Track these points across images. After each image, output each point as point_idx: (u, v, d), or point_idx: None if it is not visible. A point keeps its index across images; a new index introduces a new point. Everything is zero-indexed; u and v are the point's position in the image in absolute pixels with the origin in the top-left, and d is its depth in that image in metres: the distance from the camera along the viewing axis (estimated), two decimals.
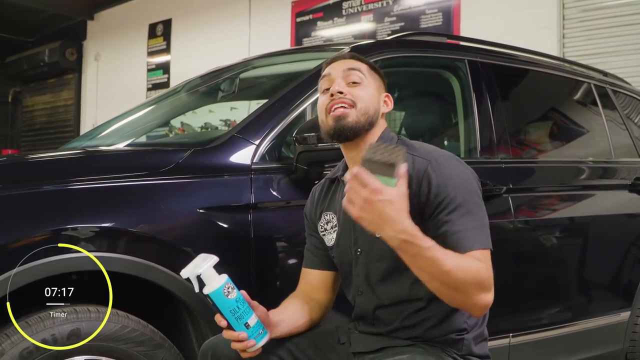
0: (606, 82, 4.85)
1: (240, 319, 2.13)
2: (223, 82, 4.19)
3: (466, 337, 2.35)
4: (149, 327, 2.61)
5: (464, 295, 2.10)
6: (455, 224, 2.17)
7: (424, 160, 2.28)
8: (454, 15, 7.88)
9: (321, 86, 2.47)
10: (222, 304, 2.11)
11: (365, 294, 2.42)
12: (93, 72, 12.57)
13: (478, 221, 2.21)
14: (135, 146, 3.72)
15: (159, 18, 11.41)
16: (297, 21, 9.54)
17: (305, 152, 2.90)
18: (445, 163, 2.28)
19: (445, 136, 4.00)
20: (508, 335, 3.51)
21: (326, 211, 2.56)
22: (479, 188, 2.31)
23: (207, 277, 2.11)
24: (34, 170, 2.91)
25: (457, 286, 2.07)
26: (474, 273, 2.08)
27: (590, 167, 4.38)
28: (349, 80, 2.40)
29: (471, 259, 2.11)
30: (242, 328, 2.14)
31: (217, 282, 2.10)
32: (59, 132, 13.04)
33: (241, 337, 2.14)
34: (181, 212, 2.77)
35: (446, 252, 2.06)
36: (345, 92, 2.37)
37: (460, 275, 2.05)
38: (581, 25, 7.09)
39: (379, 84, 2.48)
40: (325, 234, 2.54)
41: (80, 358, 2.46)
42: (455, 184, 2.23)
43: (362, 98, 2.38)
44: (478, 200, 2.26)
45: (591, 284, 4.22)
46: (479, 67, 3.81)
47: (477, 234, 2.18)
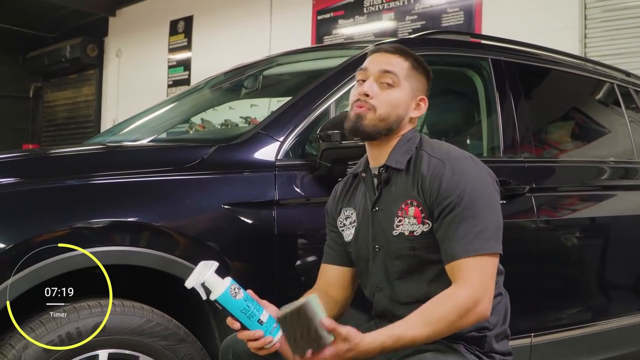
0: (629, 82, 4.83)
1: (252, 317, 2.13)
2: (246, 79, 4.20)
3: (488, 334, 2.36)
4: (173, 322, 2.62)
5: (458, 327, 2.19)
6: (453, 230, 2.23)
7: (439, 162, 2.32)
8: (475, 14, 7.85)
9: (358, 76, 2.48)
10: (231, 305, 2.11)
11: (383, 291, 2.44)
12: (114, 68, 12.60)
13: (481, 225, 2.23)
14: (160, 142, 3.74)
15: (181, 15, 11.43)
16: (318, 19, 9.53)
17: (329, 150, 2.91)
18: (459, 165, 2.31)
19: (468, 135, 3.99)
20: (530, 335, 3.50)
21: (346, 207, 2.58)
22: (495, 190, 2.34)
23: (212, 283, 2.11)
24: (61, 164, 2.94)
25: (447, 330, 2.17)
26: (453, 311, 2.15)
27: (612, 167, 4.37)
28: (382, 81, 2.40)
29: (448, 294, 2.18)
30: (256, 325, 2.14)
31: (222, 285, 2.11)
32: (80, 127, 13.07)
33: (257, 335, 2.14)
34: (206, 207, 2.79)
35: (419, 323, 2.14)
36: (371, 95, 2.38)
37: (442, 325, 2.15)
38: (603, 26, 7.04)
39: (416, 86, 2.46)
40: (344, 229, 2.56)
41: (105, 351, 2.47)
42: (465, 186, 2.25)
43: (385, 103, 2.39)
44: (488, 202, 2.28)
45: (612, 285, 4.20)
46: (502, 65, 3.80)
47: (474, 240, 2.21)
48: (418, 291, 2.34)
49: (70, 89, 13.68)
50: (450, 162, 2.31)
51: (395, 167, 2.38)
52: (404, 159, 2.39)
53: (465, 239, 2.20)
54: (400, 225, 2.34)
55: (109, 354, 2.48)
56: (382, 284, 2.44)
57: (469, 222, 2.22)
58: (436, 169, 2.31)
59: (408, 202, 2.34)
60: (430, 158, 2.35)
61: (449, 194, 2.24)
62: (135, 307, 2.55)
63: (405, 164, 2.38)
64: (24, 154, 3.28)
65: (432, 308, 2.16)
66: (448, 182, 2.26)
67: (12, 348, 2.36)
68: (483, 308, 2.19)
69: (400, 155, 2.40)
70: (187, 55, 11.34)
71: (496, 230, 2.26)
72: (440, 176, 2.28)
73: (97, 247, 2.50)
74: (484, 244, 2.21)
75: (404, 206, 2.34)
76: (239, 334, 2.17)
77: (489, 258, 2.22)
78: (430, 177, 2.30)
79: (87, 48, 12.58)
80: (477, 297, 2.17)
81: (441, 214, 2.25)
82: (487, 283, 2.21)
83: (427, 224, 2.30)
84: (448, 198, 2.24)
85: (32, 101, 14.29)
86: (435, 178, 2.28)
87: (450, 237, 2.22)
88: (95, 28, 12.89)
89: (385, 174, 2.41)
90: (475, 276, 2.19)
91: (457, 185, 2.25)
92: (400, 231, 2.33)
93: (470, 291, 2.17)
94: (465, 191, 2.24)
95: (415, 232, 2.31)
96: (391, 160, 2.40)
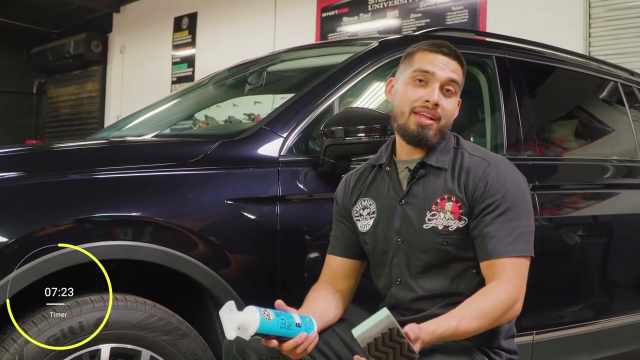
0: (633, 81, 4.83)
1: (290, 326, 2.15)
2: (250, 75, 4.20)
3: (496, 331, 2.38)
4: (176, 317, 2.62)
5: (496, 323, 2.26)
6: (498, 227, 2.26)
7: (483, 161, 2.36)
8: (480, 13, 7.84)
9: (415, 74, 2.42)
10: (271, 328, 2.12)
11: (403, 284, 2.44)
12: (118, 65, 12.61)
13: (522, 228, 2.28)
14: (163, 137, 3.74)
15: (185, 11, 11.43)
16: (322, 16, 9.52)
17: (333, 146, 2.92)
18: (503, 167, 2.36)
19: (471, 132, 3.99)
20: (532, 333, 3.50)
21: (364, 197, 2.57)
22: (529, 194, 2.38)
23: (243, 321, 2.10)
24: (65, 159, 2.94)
25: (490, 324, 2.23)
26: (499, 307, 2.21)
27: (615, 166, 4.37)
28: (447, 88, 2.40)
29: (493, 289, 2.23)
30: (297, 330, 2.16)
31: (255, 318, 2.10)
32: (83, 123, 13.08)
33: (302, 337, 2.17)
34: (209, 202, 2.80)
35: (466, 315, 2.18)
36: (440, 105, 2.37)
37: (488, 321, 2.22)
38: (607, 25, 7.04)
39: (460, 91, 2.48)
40: (359, 219, 2.55)
41: (107, 346, 2.47)
42: (509, 187, 2.30)
43: (448, 114, 2.40)
44: (527, 206, 2.33)
45: (614, 283, 4.21)
46: (506, 63, 3.80)
47: (516, 240, 2.26)
48: (439, 286, 2.37)
49: (74, 85, 13.69)
50: (495, 162, 2.36)
51: (437, 166, 2.40)
52: (445, 158, 2.41)
53: (507, 239, 2.25)
54: (433, 219, 2.35)
55: (111, 348, 2.48)
56: (402, 277, 2.44)
57: (511, 224, 2.27)
58: (481, 167, 2.35)
59: (445, 197, 2.35)
60: (472, 157, 2.39)
61: (493, 193, 2.29)
62: (137, 301, 2.55)
63: (447, 163, 2.40)
64: (27, 149, 3.28)
65: (480, 302, 2.21)
66: (494, 181, 2.30)
67: (14, 342, 2.36)
68: (519, 307, 2.26)
69: (440, 154, 2.42)
70: (191, 52, 11.35)
71: (532, 235, 2.32)
72: (486, 175, 2.32)
73: (100, 242, 2.50)
74: (524, 246, 2.27)
75: (440, 201, 2.35)
76: (284, 346, 2.16)
77: (526, 260, 2.28)
78: (475, 175, 2.33)
79: (91, 44, 12.59)
80: (517, 296, 2.24)
81: (482, 211, 2.29)
82: (524, 284, 2.28)
83: (464, 220, 2.32)
84: (493, 197, 2.28)
85: (35, 97, 14.30)
86: (481, 176, 2.32)
87: (492, 236, 2.26)
88: (100, 24, 12.89)
89: (422, 170, 2.42)
90: (516, 276, 2.25)
91: (502, 185, 2.30)
92: (433, 225, 2.34)
93: (512, 290, 2.23)
94: (509, 192, 2.29)
95: (450, 227, 2.33)
96: (430, 158, 2.41)
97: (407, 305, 2.42)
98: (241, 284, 2.75)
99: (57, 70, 13.88)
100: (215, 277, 2.68)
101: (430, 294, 2.38)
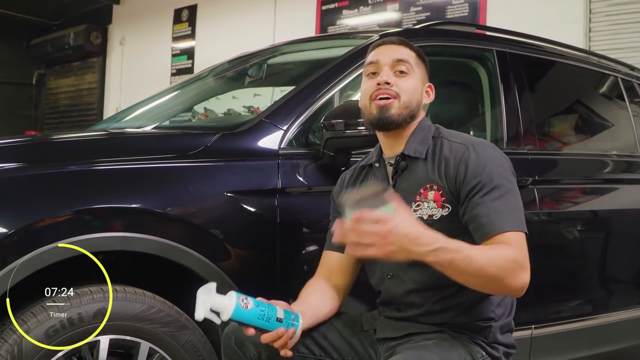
0: (633, 76, 4.83)
1: (270, 319, 2.14)
2: (250, 67, 4.20)
3: (493, 325, 2.37)
4: (175, 309, 2.63)
5: (499, 283, 2.13)
6: (489, 206, 2.21)
7: (461, 146, 2.34)
8: (480, 6, 7.83)
9: (367, 70, 2.48)
10: (247, 317, 2.12)
11: (394, 278, 2.43)
12: (118, 56, 12.58)
13: (512, 205, 2.24)
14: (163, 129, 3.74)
15: (185, 3, 11.40)
16: (322, 9, 9.50)
17: (333, 139, 2.91)
18: (482, 148, 2.33)
19: (471, 126, 3.99)
20: (530, 327, 3.50)
21: None
22: (513, 175, 2.34)
23: (219, 305, 2.10)
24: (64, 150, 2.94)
25: (492, 276, 2.10)
26: (506, 259, 2.11)
27: (614, 161, 4.37)
28: (396, 69, 2.41)
29: (501, 245, 2.14)
30: (276, 324, 2.15)
31: (230, 303, 2.10)
32: (83, 115, 13.06)
33: (280, 332, 2.16)
34: (209, 195, 2.80)
35: (476, 248, 2.11)
36: (392, 82, 2.38)
37: (492, 268, 2.08)
38: (608, 19, 7.02)
39: (423, 75, 2.50)
40: None
41: (106, 337, 2.47)
42: (492, 168, 2.27)
43: (406, 90, 2.40)
44: (512, 186, 2.29)
45: (613, 278, 4.21)
46: (507, 57, 3.80)
47: (511, 216, 2.21)
48: (430, 277, 2.33)
49: (74, 77, 13.65)
50: (473, 146, 2.34)
51: (415, 156, 2.39)
52: (423, 148, 2.40)
53: (500, 215, 2.19)
54: (418, 209, 2.34)
55: (110, 339, 2.48)
56: (393, 271, 2.44)
57: (500, 201, 2.22)
58: (459, 152, 2.32)
59: (427, 186, 2.34)
60: (452, 143, 2.37)
61: (475, 175, 2.25)
62: (137, 293, 2.55)
63: (424, 152, 2.39)
64: (26, 140, 3.27)
65: (495, 248, 2.13)
66: (474, 164, 2.28)
67: (13, 333, 2.36)
68: (526, 279, 2.15)
69: (418, 144, 2.41)
70: (190, 44, 11.32)
71: (522, 213, 2.26)
72: (465, 159, 2.29)
73: (99, 234, 2.50)
74: (518, 222, 2.21)
75: (423, 191, 2.35)
76: (262, 337, 2.17)
77: (523, 235, 2.21)
78: (454, 160, 2.31)
79: (90, 36, 12.55)
80: (523, 261, 2.15)
81: (469, 194, 2.25)
82: (527, 256, 2.18)
83: (447, 207, 2.30)
84: (476, 178, 2.25)
85: (35, 88, 14.27)
86: (460, 161, 2.30)
87: (483, 214, 2.20)
88: (99, 16, 12.86)
89: (404, 163, 2.42)
90: (520, 246, 2.17)
91: (484, 167, 2.27)
92: (418, 215, 2.32)
93: (519, 254, 2.15)
94: (493, 173, 2.26)
95: (434, 216, 2.32)
96: (409, 149, 2.41)
97: (401, 299, 2.42)
98: (240, 276, 2.76)
99: (56, 61, 13.84)
100: (215, 269, 2.69)
101: (422, 286, 2.37)
